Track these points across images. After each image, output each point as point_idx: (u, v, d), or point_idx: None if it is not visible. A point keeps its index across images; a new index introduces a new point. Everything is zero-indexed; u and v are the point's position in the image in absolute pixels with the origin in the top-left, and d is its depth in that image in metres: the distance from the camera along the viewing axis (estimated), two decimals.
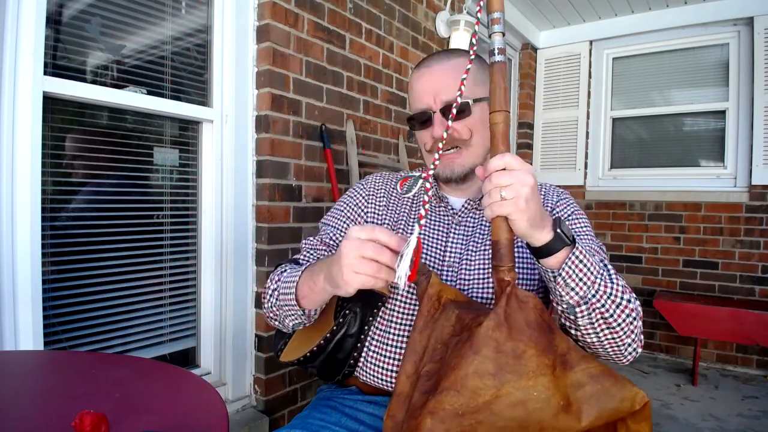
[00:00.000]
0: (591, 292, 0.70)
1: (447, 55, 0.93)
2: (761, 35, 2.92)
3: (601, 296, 0.71)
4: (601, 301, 0.71)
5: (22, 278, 1.20)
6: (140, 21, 1.52)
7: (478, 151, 0.92)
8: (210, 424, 0.66)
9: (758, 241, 2.99)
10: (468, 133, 0.90)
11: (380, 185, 1.04)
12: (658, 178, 3.38)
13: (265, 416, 1.72)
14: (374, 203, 1.01)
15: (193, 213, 1.70)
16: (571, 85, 3.62)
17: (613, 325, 0.73)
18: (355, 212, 1.01)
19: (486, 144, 0.90)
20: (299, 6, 1.79)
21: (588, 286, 0.70)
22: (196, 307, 1.71)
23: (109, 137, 1.44)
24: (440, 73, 0.90)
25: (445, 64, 0.91)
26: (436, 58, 0.93)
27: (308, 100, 1.85)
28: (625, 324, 0.73)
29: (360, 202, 1.02)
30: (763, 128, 2.94)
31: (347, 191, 1.07)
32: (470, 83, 0.88)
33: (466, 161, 0.91)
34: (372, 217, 1.00)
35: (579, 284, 0.70)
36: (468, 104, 0.88)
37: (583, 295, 0.70)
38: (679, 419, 2.28)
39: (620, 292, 0.73)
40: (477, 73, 0.90)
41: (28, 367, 0.93)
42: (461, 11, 2.67)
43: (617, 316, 0.72)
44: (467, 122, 0.89)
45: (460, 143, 0.91)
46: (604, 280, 0.72)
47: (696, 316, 2.73)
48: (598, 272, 0.71)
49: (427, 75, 0.92)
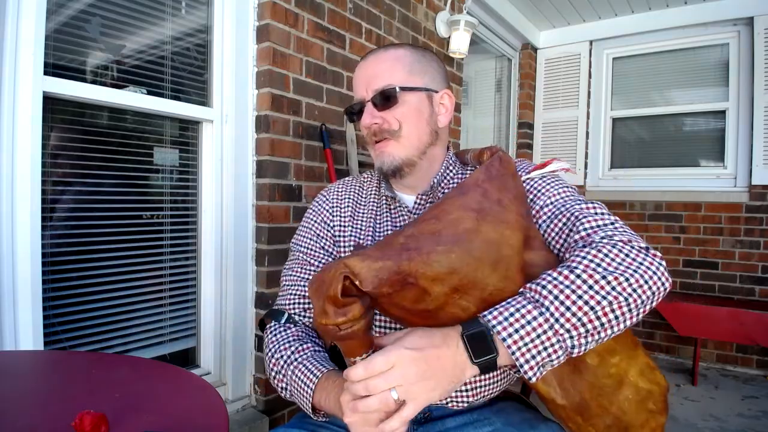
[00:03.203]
0: (594, 325, 0.61)
1: (386, 47, 0.90)
2: (761, 35, 2.92)
3: (607, 319, 0.62)
4: (613, 322, 0.62)
5: (22, 278, 1.20)
6: (140, 21, 1.52)
7: (411, 143, 0.86)
8: (210, 424, 0.66)
9: (758, 241, 2.98)
10: (396, 124, 0.85)
11: (343, 194, 1.00)
12: (658, 178, 3.38)
13: (265, 416, 1.72)
14: (339, 215, 0.97)
15: (193, 213, 1.70)
16: (571, 85, 3.61)
17: (646, 306, 0.66)
18: (323, 228, 0.96)
19: (421, 136, 0.87)
20: (299, 6, 1.79)
21: (584, 326, 0.61)
22: (196, 307, 1.71)
23: (109, 137, 1.44)
24: (374, 63, 0.88)
25: (381, 55, 0.88)
26: (375, 51, 0.90)
27: (308, 100, 1.85)
28: (655, 294, 0.66)
29: (326, 217, 0.97)
30: (763, 128, 2.94)
31: (311, 205, 1.02)
32: (403, 71, 0.85)
33: (396, 152, 0.86)
34: (339, 230, 0.96)
35: (572, 335, 0.61)
36: (394, 90, 0.84)
37: (590, 332, 0.62)
38: (679, 419, 2.28)
39: (628, 284, 0.63)
40: (413, 62, 0.87)
41: (28, 367, 0.93)
42: (461, 11, 2.66)
43: (644, 301, 0.64)
44: (395, 112, 0.85)
45: (388, 134, 0.86)
46: (600, 293, 0.61)
47: (696, 316, 2.72)
48: (585, 292, 0.61)
49: (363, 67, 0.89)
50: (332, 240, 0.96)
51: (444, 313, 0.64)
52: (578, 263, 0.64)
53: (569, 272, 0.63)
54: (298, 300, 0.92)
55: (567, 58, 3.63)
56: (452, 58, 2.68)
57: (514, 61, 3.65)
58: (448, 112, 0.91)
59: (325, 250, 0.95)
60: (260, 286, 1.76)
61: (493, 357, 0.61)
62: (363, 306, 0.62)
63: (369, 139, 0.90)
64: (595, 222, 0.72)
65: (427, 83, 0.88)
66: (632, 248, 0.67)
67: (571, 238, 0.73)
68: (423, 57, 0.89)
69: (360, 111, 0.88)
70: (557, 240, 0.76)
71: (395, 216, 0.93)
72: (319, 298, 0.62)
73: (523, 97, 3.66)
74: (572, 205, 0.77)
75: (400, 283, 0.61)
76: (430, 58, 0.91)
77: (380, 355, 0.61)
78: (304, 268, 0.94)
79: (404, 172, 0.88)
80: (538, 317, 0.61)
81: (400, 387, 0.60)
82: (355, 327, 0.61)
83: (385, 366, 0.60)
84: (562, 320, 0.60)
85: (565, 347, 0.61)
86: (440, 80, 0.91)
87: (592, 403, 0.77)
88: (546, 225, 0.77)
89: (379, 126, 0.86)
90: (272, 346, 0.88)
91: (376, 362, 0.60)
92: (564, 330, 0.60)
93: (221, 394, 1.21)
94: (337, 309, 0.60)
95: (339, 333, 0.61)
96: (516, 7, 3.27)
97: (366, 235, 0.94)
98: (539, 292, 0.62)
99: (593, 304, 0.61)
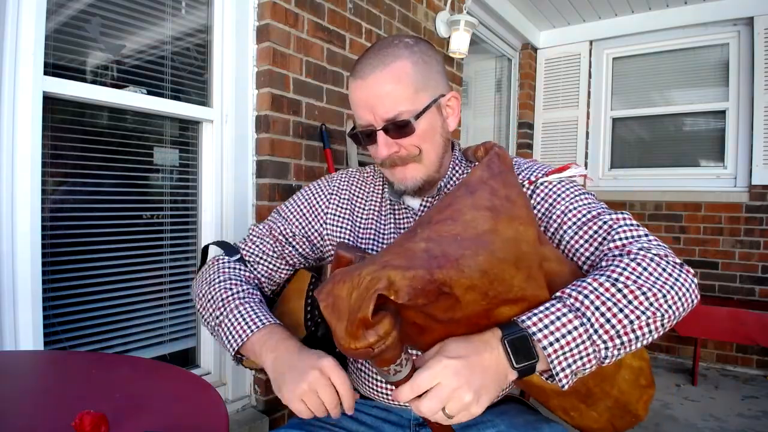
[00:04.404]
0: (630, 338, 0.62)
1: (381, 59, 0.80)
2: (761, 35, 2.92)
3: (642, 330, 0.63)
4: (651, 329, 0.63)
5: (22, 278, 1.20)
6: (140, 21, 1.52)
7: (431, 161, 0.85)
8: (210, 424, 0.66)
9: (758, 241, 2.98)
10: (416, 150, 0.83)
11: (344, 186, 0.98)
12: (658, 178, 3.38)
13: (265, 416, 1.72)
14: (336, 205, 0.96)
15: (193, 213, 1.70)
16: (571, 85, 3.62)
17: (675, 321, 0.66)
18: (312, 212, 0.96)
19: (438, 150, 0.85)
20: (299, 6, 1.79)
21: (621, 337, 0.62)
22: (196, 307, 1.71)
23: (109, 137, 1.44)
24: (375, 84, 0.79)
25: (381, 74, 0.79)
26: (370, 66, 0.80)
27: (308, 100, 1.85)
28: (686, 309, 0.67)
29: (321, 202, 0.96)
30: (763, 128, 2.94)
31: (312, 183, 1.01)
32: (409, 91, 0.79)
33: (419, 175, 0.84)
34: (333, 220, 0.95)
35: (608, 344, 0.61)
36: (408, 121, 0.79)
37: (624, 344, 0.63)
38: (679, 419, 2.28)
39: (665, 298, 0.64)
40: (416, 75, 0.80)
41: (28, 367, 0.93)
42: (461, 11, 2.66)
43: (677, 316, 0.66)
44: (412, 139, 0.81)
45: (409, 159, 0.84)
46: (638, 305, 0.62)
47: (696, 316, 2.72)
48: (624, 305, 0.62)
49: (362, 87, 0.80)
50: (317, 225, 0.95)
51: (468, 321, 0.63)
52: (619, 274, 0.64)
53: (611, 284, 0.63)
54: (257, 258, 0.94)
55: (567, 58, 3.63)
56: (452, 58, 2.68)
57: (514, 61, 3.65)
58: (455, 114, 0.88)
59: (306, 240, 0.95)
60: None
61: (534, 363, 0.61)
62: (392, 316, 0.57)
63: (384, 163, 0.85)
64: (630, 232, 0.72)
65: (432, 93, 0.83)
66: (668, 263, 0.67)
67: (605, 246, 0.72)
68: (424, 62, 0.82)
69: (368, 135, 0.83)
70: (586, 248, 0.74)
71: (399, 218, 0.92)
72: (343, 320, 0.56)
73: (523, 97, 3.66)
74: (600, 213, 0.76)
75: (435, 293, 0.57)
76: (429, 59, 0.84)
77: (424, 371, 0.59)
78: (273, 233, 0.96)
79: (425, 188, 0.87)
80: (578, 327, 0.60)
81: (452, 403, 0.58)
82: (389, 341, 0.56)
83: (431, 382, 0.58)
84: (601, 331, 0.61)
85: (599, 357, 0.62)
86: (442, 80, 0.86)
87: (596, 389, 0.79)
88: (573, 232, 0.76)
89: (397, 154, 0.83)
90: (221, 275, 0.89)
91: (422, 379, 0.59)
92: (601, 341, 0.61)
93: (221, 394, 1.21)
94: (367, 330, 0.55)
95: (373, 353, 0.56)
96: (516, 7, 3.27)
97: (367, 237, 0.93)
98: (581, 301, 0.62)
99: (633, 318, 0.62)
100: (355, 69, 0.83)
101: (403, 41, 0.83)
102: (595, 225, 0.74)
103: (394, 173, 0.86)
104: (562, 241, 0.77)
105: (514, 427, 0.82)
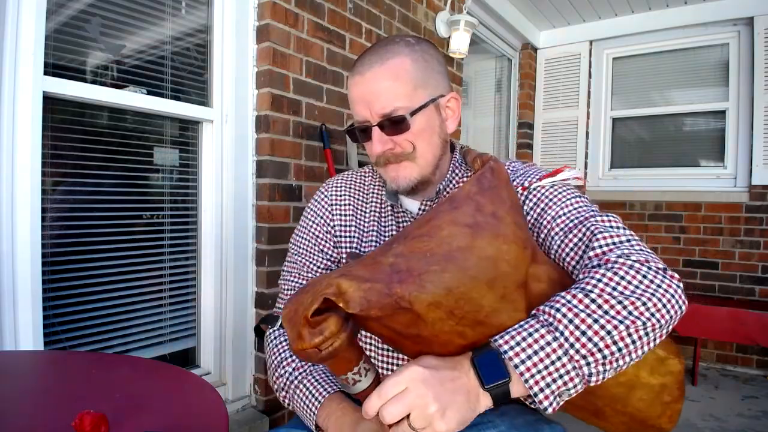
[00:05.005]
0: (612, 350, 0.58)
1: (380, 56, 0.79)
2: (761, 35, 2.92)
3: (626, 342, 0.59)
4: (636, 343, 0.60)
5: (22, 278, 1.20)
6: (140, 21, 1.52)
7: (425, 161, 0.84)
8: (210, 424, 0.66)
9: (758, 241, 2.98)
10: (410, 146, 0.81)
11: (343, 191, 0.96)
12: (658, 178, 3.38)
13: (265, 416, 1.72)
14: (340, 213, 0.94)
15: (193, 213, 1.70)
16: (571, 85, 3.62)
17: (663, 330, 0.63)
18: (322, 230, 0.94)
19: (435, 151, 0.84)
20: (299, 6, 1.79)
21: (602, 351, 0.58)
22: (196, 307, 1.71)
23: (109, 137, 1.44)
24: (373, 80, 0.79)
25: (379, 70, 0.78)
26: (369, 62, 0.80)
27: (308, 100, 1.85)
28: (673, 317, 0.63)
29: (325, 216, 0.94)
30: (763, 128, 2.94)
31: (309, 205, 0.98)
32: (407, 88, 0.78)
33: (412, 174, 0.83)
34: (340, 230, 0.93)
35: (590, 362, 0.58)
36: (404, 117, 0.78)
37: (606, 359, 0.59)
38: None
39: (653, 303, 0.60)
40: (416, 73, 0.79)
41: (28, 367, 0.93)
42: (461, 11, 2.66)
43: (662, 325, 0.62)
44: (407, 135, 0.80)
45: (402, 157, 0.82)
46: (618, 317, 0.59)
47: (696, 316, 2.72)
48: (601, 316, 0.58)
49: (360, 83, 0.80)
50: (332, 241, 0.94)
51: (437, 339, 0.61)
52: (594, 286, 0.61)
53: (584, 296, 0.60)
54: None
55: (567, 58, 3.63)
56: (452, 58, 2.68)
57: (514, 61, 3.65)
58: (455, 115, 0.86)
59: (324, 253, 0.94)
60: (260, 285, 1.76)
61: (506, 382, 0.58)
62: (339, 317, 0.56)
63: (378, 161, 0.84)
64: (611, 239, 0.69)
65: (432, 93, 0.82)
66: (649, 269, 0.64)
67: (586, 255, 0.69)
68: (424, 61, 0.81)
69: (364, 131, 0.83)
70: (572, 256, 0.72)
71: (399, 221, 0.91)
72: (294, 324, 0.57)
73: (523, 97, 3.66)
74: (587, 218, 0.74)
75: (392, 306, 0.56)
76: (430, 58, 0.83)
77: (392, 376, 0.57)
78: (301, 273, 0.93)
79: (419, 189, 0.86)
80: (552, 342, 0.57)
81: (416, 411, 0.55)
82: (336, 343, 0.56)
83: (397, 387, 0.56)
84: (578, 345, 0.57)
85: (582, 375, 0.58)
86: (443, 80, 0.85)
87: (606, 409, 0.76)
88: (560, 239, 0.74)
89: (391, 151, 0.82)
90: (274, 358, 0.88)
91: (389, 384, 0.56)
92: (580, 356, 0.57)
93: (221, 394, 1.21)
94: (311, 330, 0.55)
95: (320, 354, 0.56)
96: (516, 7, 3.27)
97: (370, 240, 0.92)
98: (553, 315, 0.59)
99: (610, 329, 0.58)
100: (354, 66, 0.83)
101: (405, 40, 0.82)
102: (580, 232, 0.72)
103: (387, 171, 0.85)
104: (551, 248, 0.75)
105: (514, 428, 0.82)
